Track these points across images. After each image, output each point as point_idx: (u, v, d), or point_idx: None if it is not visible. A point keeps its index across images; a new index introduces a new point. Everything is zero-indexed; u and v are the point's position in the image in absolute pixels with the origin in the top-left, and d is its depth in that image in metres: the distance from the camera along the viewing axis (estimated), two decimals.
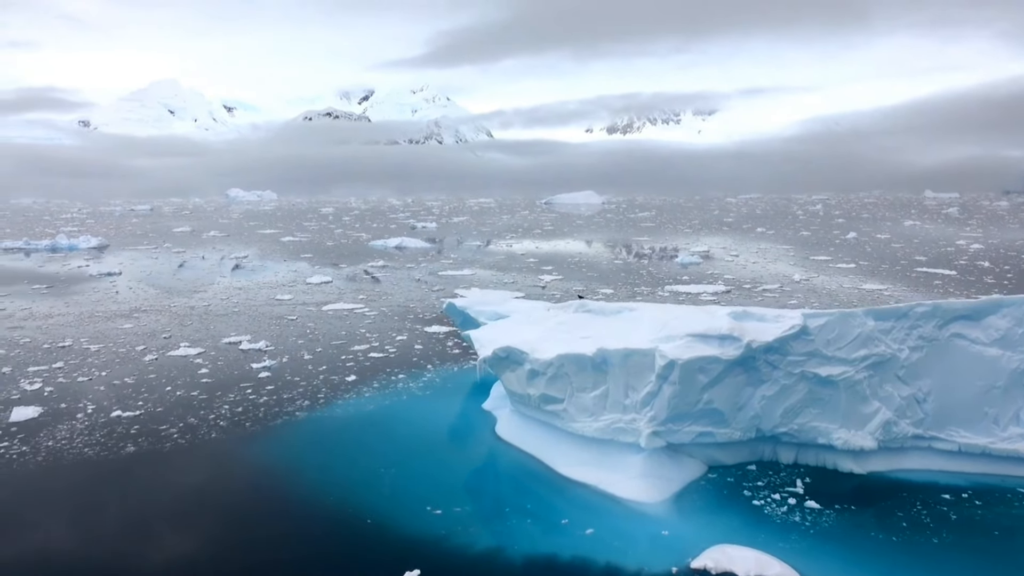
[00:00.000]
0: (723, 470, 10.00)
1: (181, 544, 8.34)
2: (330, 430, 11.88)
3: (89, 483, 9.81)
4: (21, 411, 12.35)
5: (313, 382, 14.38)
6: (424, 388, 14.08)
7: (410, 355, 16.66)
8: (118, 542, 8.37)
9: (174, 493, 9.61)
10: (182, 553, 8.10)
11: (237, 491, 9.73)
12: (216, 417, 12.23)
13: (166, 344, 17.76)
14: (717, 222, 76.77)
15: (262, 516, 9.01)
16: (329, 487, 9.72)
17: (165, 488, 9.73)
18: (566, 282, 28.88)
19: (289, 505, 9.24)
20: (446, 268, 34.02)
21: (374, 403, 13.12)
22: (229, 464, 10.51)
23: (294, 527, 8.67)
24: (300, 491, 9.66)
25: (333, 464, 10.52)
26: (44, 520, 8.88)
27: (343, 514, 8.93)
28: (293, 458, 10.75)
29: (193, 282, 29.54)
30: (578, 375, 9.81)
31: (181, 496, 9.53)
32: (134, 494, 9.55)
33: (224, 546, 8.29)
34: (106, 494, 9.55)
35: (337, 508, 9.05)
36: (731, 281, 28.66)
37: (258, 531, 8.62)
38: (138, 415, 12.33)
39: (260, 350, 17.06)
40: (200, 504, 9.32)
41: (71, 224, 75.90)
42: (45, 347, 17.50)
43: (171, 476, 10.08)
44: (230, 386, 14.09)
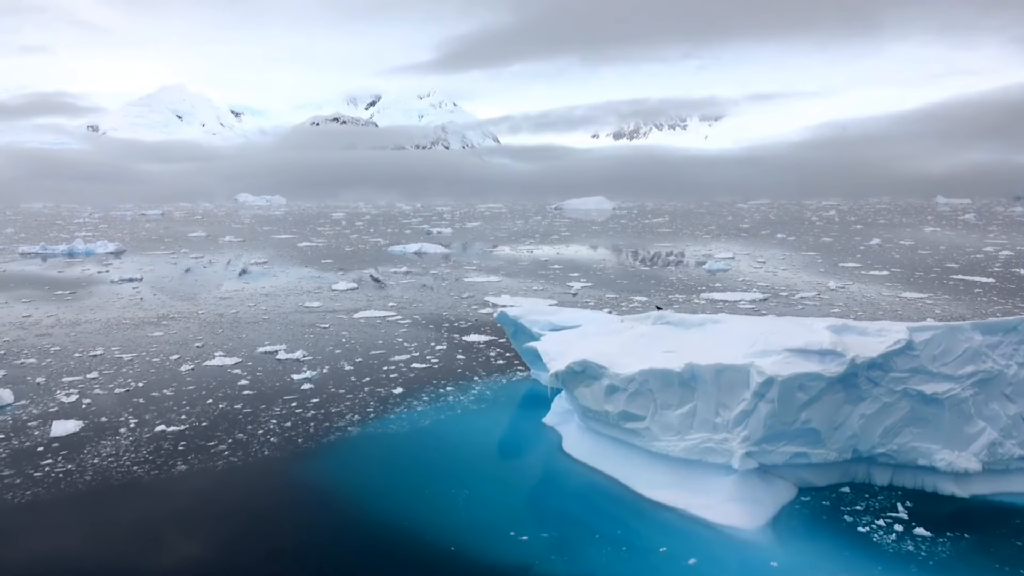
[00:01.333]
0: (815, 492, 9.38)
1: (246, 572, 7.76)
2: (387, 447, 11.30)
3: (142, 504, 9.25)
4: (61, 425, 11.80)
5: (359, 395, 13.80)
6: (476, 401, 13.49)
7: (453, 366, 16.08)
8: (178, 568, 7.81)
9: (232, 516, 9.05)
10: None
11: (300, 514, 9.14)
12: (265, 433, 11.65)
13: (200, 353, 17.22)
14: (734, 228, 76.06)
15: (332, 541, 8.42)
16: (401, 509, 9.14)
17: (223, 510, 9.16)
18: (596, 289, 28.28)
19: (360, 530, 8.66)
20: (470, 275, 33.45)
21: (427, 417, 12.53)
22: (286, 484, 9.94)
23: (371, 553, 8.09)
24: (370, 514, 9.07)
25: (399, 484, 9.94)
26: (98, 545, 8.33)
27: (423, 540, 8.35)
28: (354, 477, 10.17)
29: (217, 288, 29.03)
30: (663, 391, 9.21)
31: (240, 519, 8.97)
32: (190, 516, 8.99)
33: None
34: (160, 516, 8.99)
35: (415, 533, 8.47)
36: (766, 288, 28.01)
37: (332, 558, 8.03)
38: (183, 430, 11.77)
39: (298, 360, 16.50)
40: (261, 529, 8.74)
41: (85, 229, 75.62)
42: (76, 356, 16.98)
43: (227, 497, 9.51)
44: (273, 399, 13.52)
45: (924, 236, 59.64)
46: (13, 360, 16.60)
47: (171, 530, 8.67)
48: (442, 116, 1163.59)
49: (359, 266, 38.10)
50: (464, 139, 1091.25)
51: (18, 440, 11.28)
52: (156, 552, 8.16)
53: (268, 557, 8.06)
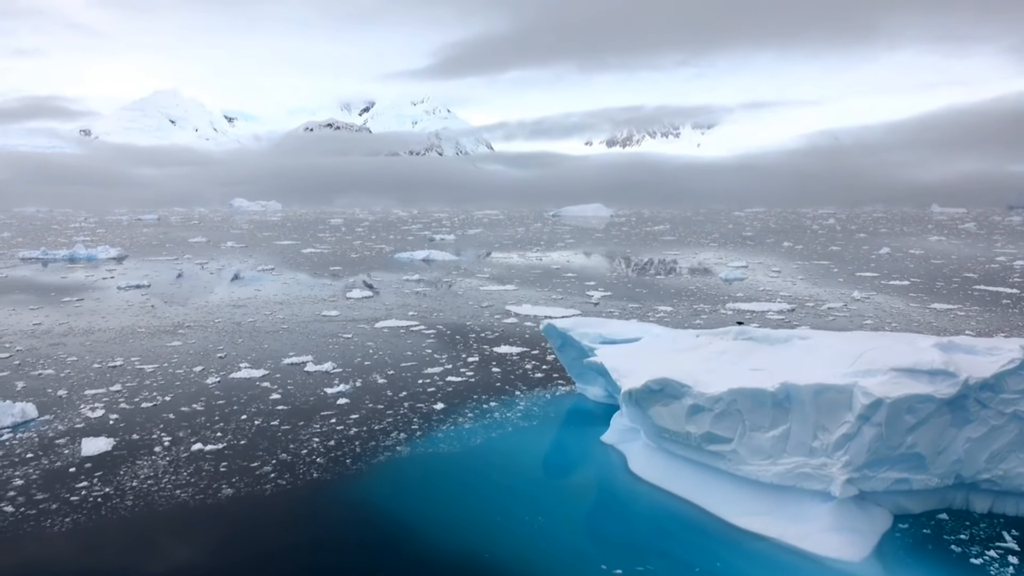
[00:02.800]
0: (912, 520, 8.77)
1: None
2: (440, 467, 10.64)
3: (191, 532, 8.57)
4: (92, 443, 11.10)
5: (399, 411, 13.13)
6: (524, 417, 12.83)
7: (491, 379, 15.43)
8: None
9: (287, 545, 8.38)
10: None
11: (358, 542, 8.49)
12: (309, 452, 10.97)
13: (224, 365, 16.52)
14: (737, 236, 75.67)
15: (394, 571, 7.76)
16: (463, 536, 8.51)
17: (277, 539, 8.49)
18: (616, 299, 27.68)
19: (423, 559, 8.00)
20: (484, 283, 32.81)
21: (477, 436, 11.87)
22: (340, 509, 9.27)
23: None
24: (431, 542, 8.42)
25: (457, 508, 9.29)
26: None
27: (492, 570, 7.69)
28: (410, 502, 9.51)
29: (228, 295, 28.29)
30: (753, 412, 8.59)
31: (296, 548, 8.31)
32: (244, 545, 8.32)
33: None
34: (212, 545, 8.32)
35: (482, 562, 7.82)
36: (789, 298, 27.47)
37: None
38: (221, 449, 11.08)
39: (328, 373, 15.82)
40: (320, 559, 8.08)
41: (83, 233, 74.65)
42: (95, 367, 16.25)
43: (279, 523, 8.83)
44: (310, 415, 12.84)
45: (931, 245, 59.34)
46: (30, 371, 15.87)
47: (225, 560, 8.00)
48: (436, 122, 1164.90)
49: (369, 274, 37.42)
50: (458, 145, 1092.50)
51: (48, 460, 10.57)
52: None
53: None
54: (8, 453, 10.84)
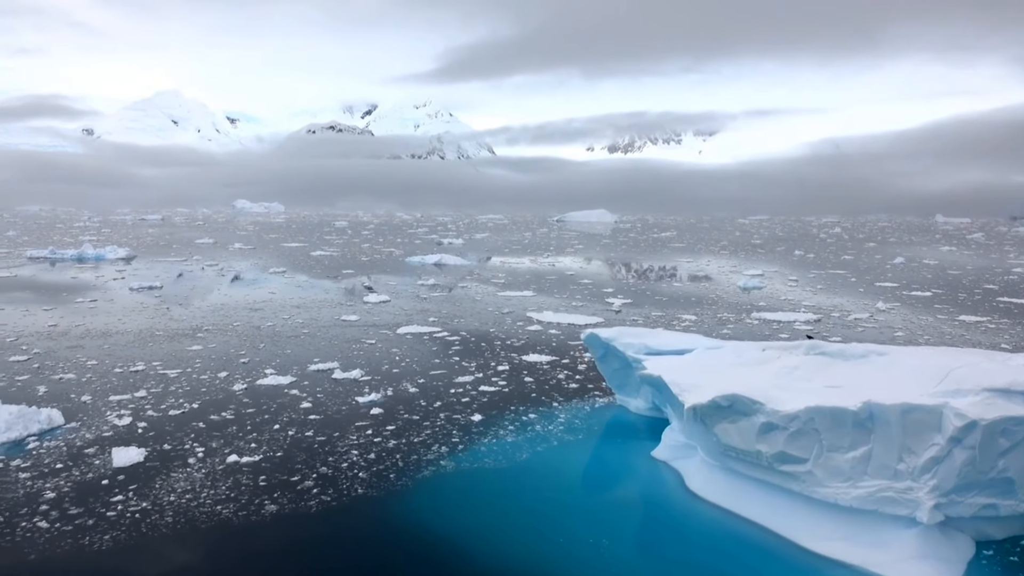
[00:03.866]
0: (996, 546, 8.32)
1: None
2: (488, 483, 10.18)
3: (237, 552, 8.12)
4: (123, 453, 10.64)
5: (436, 422, 12.68)
6: (567, 431, 12.38)
7: (524, 389, 14.97)
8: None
9: (338, 566, 7.92)
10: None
11: (411, 564, 8.03)
12: (350, 466, 10.51)
13: (248, 370, 16.07)
14: (746, 244, 75.31)
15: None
16: (529, 556, 8.09)
17: (327, 559, 8.04)
18: (638, 307, 27.25)
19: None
20: (501, 289, 32.37)
21: (522, 450, 11.41)
22: (394, 528, 8.82)
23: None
24: (495, 563, 7.98)
25: (518, 527, 8.85)
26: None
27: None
28: (466, 520, 9.06)
29: (243, 298, 27.85)
30: (832, 432, 8.14)
31: (347, 570, 7.85)
32: (294, 566, 7.86)
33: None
34: (260, 566, 7.86)
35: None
36: (813, 308, 27.05)
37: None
38: (257, 461, 10.62)
39: (357, 380, 15.37)
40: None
41: (87, 233, 74.28)
42: (117, 371, 15.79)
43: (328, 541, 8.38)
44: (345, 426, 12.38)
45: (943, 256, 58.94)
46: (50, 375, 15.42)
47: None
48: (438, 126, 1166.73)
49: (383, 278, 36.99)
50: (460, 149, 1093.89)
51: (79, 471, 10.12)
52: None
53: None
54: (37, 463, 10.38)
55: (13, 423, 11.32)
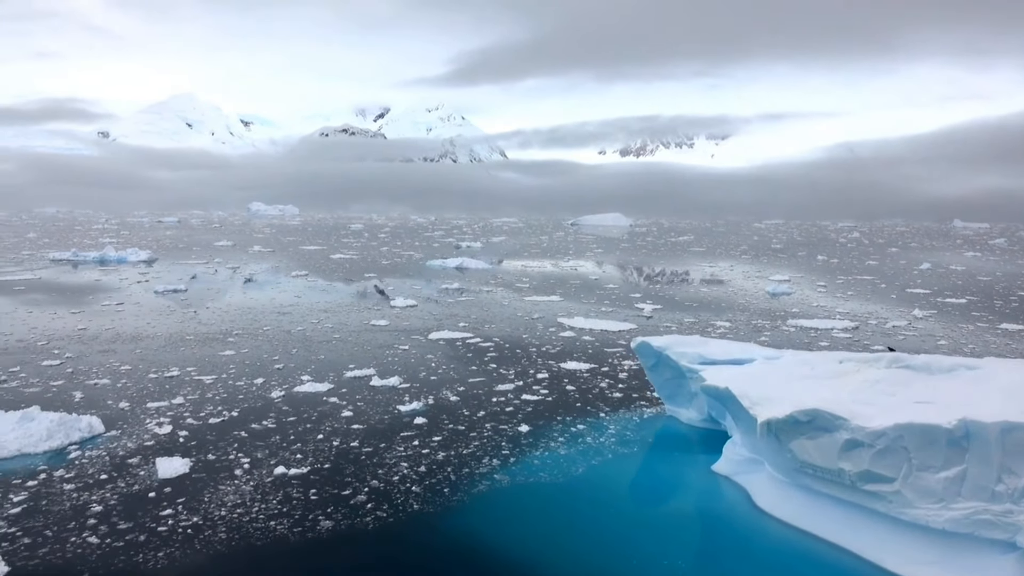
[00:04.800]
0: None
1: None
2: (549, 498, 9.78)
3: (296, 571, 7.74)
4: (168, 464, 10.31)
5: (483, 433, 12.29)
6: (619, 442, 11.96)
7: (567, 398, 14.57)
8: None
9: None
10: None
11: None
12: (401, 480, 10.14)
13: (284, 377, 15.74)
14: (766, 248, 74.62)
15: None
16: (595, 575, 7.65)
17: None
18: (669, 312, 26.80)
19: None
20: (527, 293, 31.99)
21: (577, 463, 10.99)
22: (454, 546, 8.44)
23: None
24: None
25: (582, 544, 8.47)
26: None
27: None
28: (526, 537, 8.67)
29: (269, 302, 27.59)
30: (923, 450, 7.69)
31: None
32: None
33: None
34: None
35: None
36: (848, 315, 26.52)
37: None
38: (306, 473, 10.27)
39: (396, 388, 15.01)
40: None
41: (106, 235, 74.47)
42: (152, 377, 15.51)
43: (390, 562, 8.03)
44: (390, 436, 12.02)
45: (969, 261, 58.10)
46: (85, 380, 15.15)
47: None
48: (450, 129, 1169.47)
49: (406, 281, 36.68)
50: (472, 153, 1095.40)
51: (124, 483, 9.79)
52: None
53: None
54: (81, 474, 10.07)
55: (54, 431, 11.03)
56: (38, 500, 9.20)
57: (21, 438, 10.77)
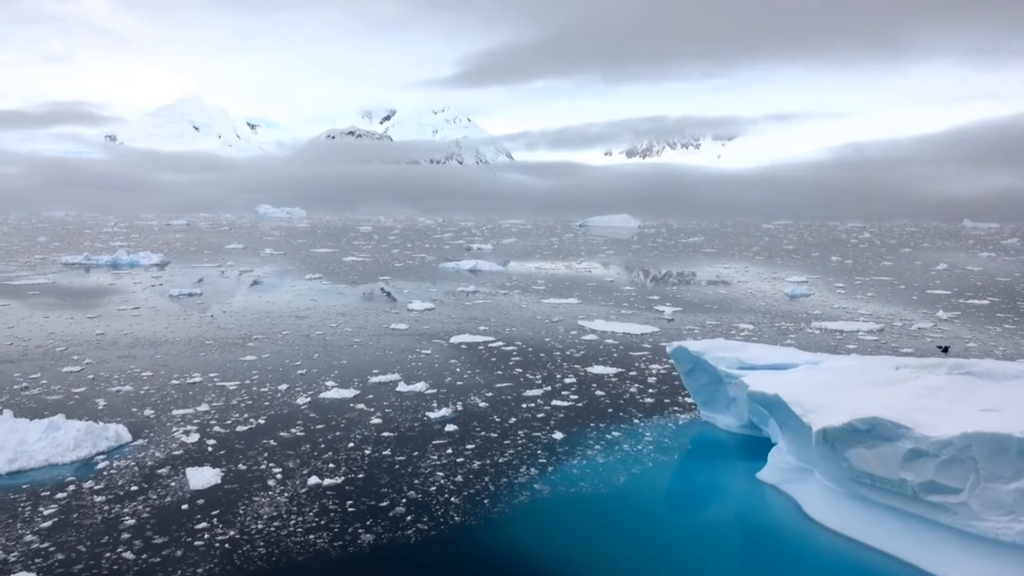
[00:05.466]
0: None
1: None
2: (593, 510, 9.48)
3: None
4: (199, 474, 10.05)
5: (517, 440, 12.00)
6: (658, 450, 11.65)
7: (598, 404, 14.27)
8: None
9: None
10: None
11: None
12: (439, 490, 9.85)
13: (308, 383, 15.49)
14: (778, 249, 74.20)
15: None
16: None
17: None
18: (690, 314, 26.48)
19: None
20: (544, 296, 31.70)
21: (617, 472, 10.69)
22: (501, 562, 8.15)
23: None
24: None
25: (636, 559, 8.15)
26: None
27: None
28: (574, 551, 8.38)
29: (286, 306, 27.36)
30: (992, 460, 7.37)
31: None
32: None
33: None
34: None
35: None
36: (871, 317, 26.15)
37: None
38: (340, 484, 9.99)
39: (423, 394, 14.74)
40: None
41: (117, 238, 74.54)
42: (174, 383, 15.27)
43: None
44: (422, 444, 11.73)
45: (985, 262, 57.58)
46: (107, 387, 14.92)
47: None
48: (456, 131, 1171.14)
49: (421, 284, 36.42)
50: (478, 154, 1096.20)
51: (156, 494, 9.54)
52: None
53: None
54: (110, 485, 9.82)
55: (82, 440, 10.78)
56: (69, 513, 8.95)
57: (48, 447, 10.53)
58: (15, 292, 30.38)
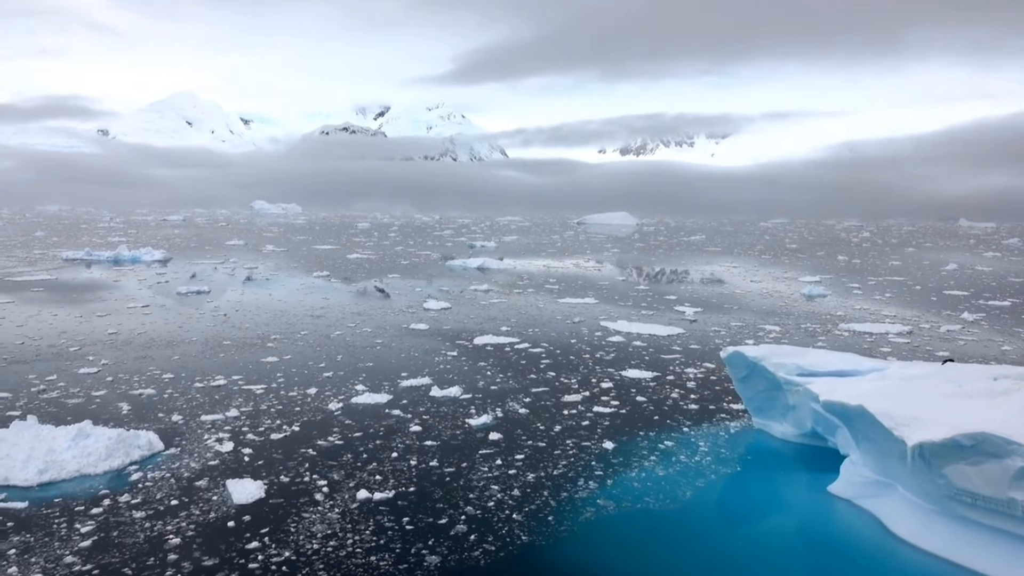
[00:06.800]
0: None
1: None
2: (666, 527, 8.96)
3: None
4: (240, 488, 9.46)
5: (567, 451, 11.45)
6: (716, 460, 11.11)
7: (641, 411, 13.73)
8: None
9: None
10: None
11: None
12: (497, 506, 9.29)
13: (337, 386, 14.90)
14: (782, 248, 73.84)
15: None
16: None
17: None
18: (711, 314, 25.99)
19: None
20: (560, 295, 31.15)
21: (681, 485, 10.14)
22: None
23: None
24: None
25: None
26: None
27: None
28: (658, 572, 7.82)
29: (299, 304, 26.73)
30: None
31: None
32: None
33: None
34: None
35: None
36: (896, 319, 25.72)
37: None
38: (392, 499, 9.42)
39: (458, 399, 14.17)
40: None
41: (113, 233, 73.65)
42: (198, 386, 14.66)
43: None
44: (468, 454, 11.17)
45: (993, 262, 57.32)
46: (128, 390, 14.30)
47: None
48: (450, 128, 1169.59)
49: (432, 283, 35.80)
50: (472, 151, 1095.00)
51: (198, 509, 8.94)
52: None
53: None
54: (148, 499, 9.22)
55: (114, 449, 10.17)
56: (108, 531, 8.35)
57: (79, 457, 9.92)
58: (18, 289, 29.66)
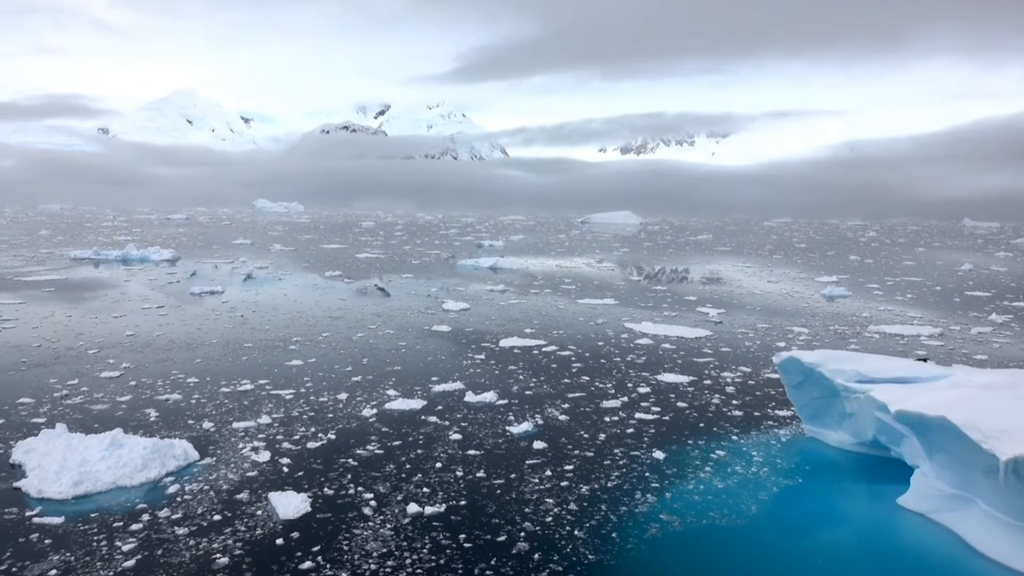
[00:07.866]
0: None
1: None
2: (737, 543, 8.49)
3: None
4: (285, 501, 9.00)
5: (616, 461, 10.99)
6: (774, 471, 10.65)
7: (685, 418, 13.28)
8: None
9: None
10: None
11: None
12: (556, 522, 8.83)
13: (368, 391, 14.45)
14: (791, 247, 73.43)
15: None
16: None
17: None
18: (735, 315, 25.54)
19: None
20: (579, 295, 30.70)
21: (742, 498, 9.67)
22: None
23: None
24: None
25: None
26: None
27: None
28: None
29: (316, 305, 26.27)
30: None
31: None
32: None
33: None
34: None
35: None
36: (925, 320, 25.28)
37: None
38: (444, 513, 8.97)
39: (495, 405, 13.71)
40: None
41: (118, 232, 73.22)
42: (224, 391, 14.20)
43: None
44: (515, 465, 10.71)
45: (1005, 262, 56.92)
46: (153, 395, 13.84)
47: None
48: (451, 127, 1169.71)
49: (447, 283, 35.34)
50: (473, 150, 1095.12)
51: (243, 525, 8.48)
52: None
53: None
54: (189, 513, 8.76)
55: (149, 459, 9.71)
56: (151, 549, 7.89)
57: (114, 468, 9.46)
58: (29, 289, 29.20)
